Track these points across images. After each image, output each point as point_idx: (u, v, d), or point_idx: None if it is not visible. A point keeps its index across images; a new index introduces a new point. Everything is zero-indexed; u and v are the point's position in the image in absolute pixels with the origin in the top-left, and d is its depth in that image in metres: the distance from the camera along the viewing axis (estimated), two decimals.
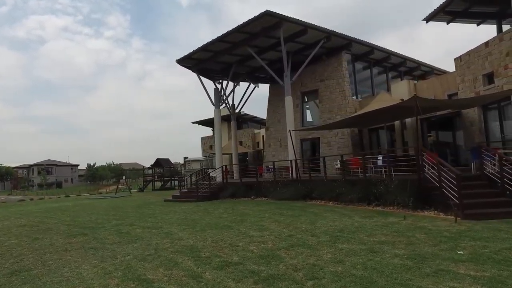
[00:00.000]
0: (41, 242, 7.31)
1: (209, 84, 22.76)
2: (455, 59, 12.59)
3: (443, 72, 21.83)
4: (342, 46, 17.71)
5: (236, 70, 19.50)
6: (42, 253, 6.22)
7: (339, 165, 15.97)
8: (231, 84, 21.29)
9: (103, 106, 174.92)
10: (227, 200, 15.03)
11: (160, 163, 31.07)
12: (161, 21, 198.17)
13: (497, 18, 11.95)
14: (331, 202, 11.48)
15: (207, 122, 32.74)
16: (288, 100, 16.26)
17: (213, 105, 19.87)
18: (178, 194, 17.23)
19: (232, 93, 21.99)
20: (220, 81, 21.02)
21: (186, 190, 17.47)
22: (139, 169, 45.73)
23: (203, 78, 19.95)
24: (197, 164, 65.80)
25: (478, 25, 12.94)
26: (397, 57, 19.47)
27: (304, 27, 15.72)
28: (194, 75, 19.47)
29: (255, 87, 23.23)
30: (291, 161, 14.68)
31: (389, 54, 19.08)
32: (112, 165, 64.13)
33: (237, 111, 23.09)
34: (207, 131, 35.71)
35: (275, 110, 20.17)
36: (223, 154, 28.10)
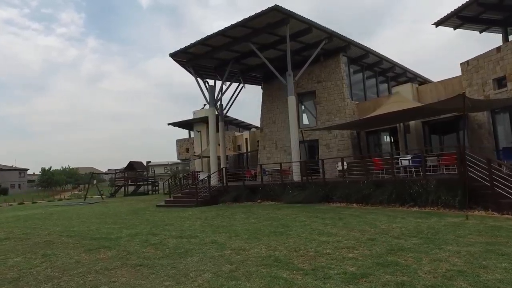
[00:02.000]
0: (60, 260, 5.78)
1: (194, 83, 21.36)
2: (461, 64, 13.05)
3: (425, 79, 22.99)
4: (340, 48, 17.70)
5: (231, 68, 18.54)
6: (79, 274, 4.83)
7: (340, 167, 15.84)
8: (218, 83, 20.23)
9: (55, 107, 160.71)
10: (233, 205, 13.94)
11: (133, 166, 28.61)
12: (120, 22, 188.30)
13: (503, 25, 12.64)
14: (355, 204, 11.08)
15: (184, 124, 31.06)
16: (291, 100, 15.73)
17: (207, 103, 18.66)
18: (171, 199, 15.71)
19: (220, 93, 20.89)
20: (207, 80, 19.86)
21: (180, 195, 16.00)
22: (109, 172, 41.91)
23: (188, 76, 18.70)
24: (161, 169, 62.54)
25: (481, 32, 13.60)
26: (388, 62, 20.00)
27: (308, 26, 15.37)
28: (154, 77, 18.62)
29: (242, 88, 22.43)
30: (300, 162, 14.09)
31: (381, 59, 19.52)
32: (68, 169, 58.01)
33: (225, 111, 22.04)
34: (171, 134, 34.12)
35: (270, 110, 19.53)
36: (203, 157, 26.79)
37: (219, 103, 21.21)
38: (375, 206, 10.32)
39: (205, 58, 17.34)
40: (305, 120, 19.33)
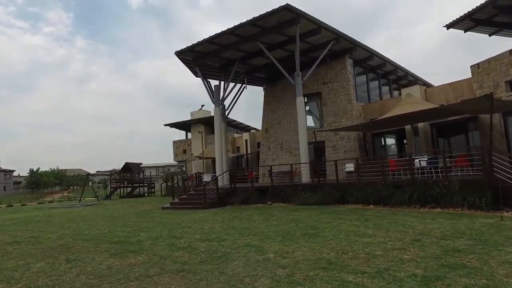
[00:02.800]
0: (89, 265, 5.34)
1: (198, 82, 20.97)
2: (471, 66, 13.16)
3: (425, 82, 23.24)
4: (345, 50, 17.68)
5: (237, 68, 18.23)
6: (119, 282, 4.43)
7: (348, 169, 15.73)
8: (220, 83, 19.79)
9: (41, 108, 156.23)
10: (242, 207, 13.61)
11: (129, 167, 27.79)
12: (109, 22, 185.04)
13: None
14: (372, 206, 10.95)
15: (181, 125, 30.52)
16: (300, 101, 15.58)
17: (213, 103, 18.25)
18: (176, 201, 15.23)
19: (224, 93, 20.53)
20: (208, 80, 19.47)
21: (185, 196, 15.54)
22: (105, 173, 40.65)
23: (190, 74, 18.33)
24: (153, 171, 61.47)
25: (490, 35, 13.77)
26: (391, 64, 20.10)
27: (318, 26, 15.26)
28: (143, 79, 18.09)
29: (243, 89, 22.14)
30: (310, 163, 13.89)
31: (385, 61, 19.60)
32: (56, 171, 56.00)
33: (226, 112, 21.67)
34: (161, 136, 33.45)
35: (274, 111, 19.29)
36: (205, 158, 26.33)
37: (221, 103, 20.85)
38: (394, 208, 10.20)
39: (211, 57, 16.99)
40: (310, 121, 19.18)
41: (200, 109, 30.19)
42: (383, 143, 17.92)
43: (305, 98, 18.98)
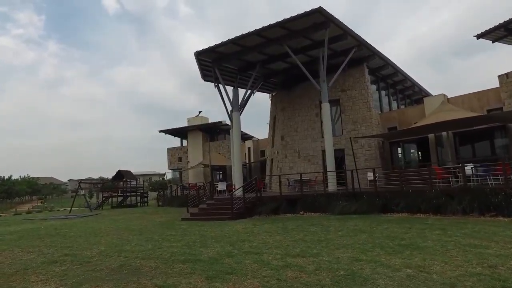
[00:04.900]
0: None
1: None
2: (499, 76, 13.46)
3: (427, 93, 23.83)
4: (363, 58, 17.65)
5: (257, 73, 17.49)
6: None
7: (371, 177, 15.43)
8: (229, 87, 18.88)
9: (6, 112, 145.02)
10: (273, 217, 12.74)
11: (122, 175, 25.79)
12: (84, 27, 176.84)
13: None
14: (420, 214, 10.59)
15: (177, 132, 29.14)
16: (326, 107, 15.18)
17: (232, 107, 17.33)
18: (196, 211, 14.06)
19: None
20: (217, 84, 18.58)
21: (206, 206, 14.41)
22: (96, 182, 37.55)
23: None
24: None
25: None
26: (401, 75, 20.36)
27: (344, 32, 15.07)
28: (118, 85, 17.09)
29: (250, 95, 21.46)
30: (351, 171, 13.38)
31: (396, 71, 19.82)
32: (28, 179, 51.05)
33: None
34: (138, 144, 31.87)
35: (291, 118, 18.73)
36: (205, 166, 25.13)
37: (230, 109, 19.97)
38: (448, 216, 9.88)
39: (232, 59, 16.20)
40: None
41: (197, 115, 29.06)
42: (399, 152, 17.90)
43: (321, 105, 18.69)
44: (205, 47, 15.19)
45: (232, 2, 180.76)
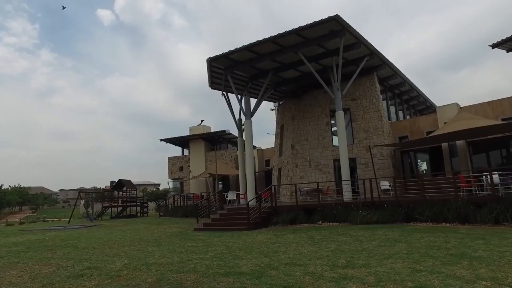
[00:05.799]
0: None
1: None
2: None
3: (431, 103, 24.02)
4: (373, 67, 17.69)
5: (269, 81, 17.32)
6: None
7: (384, 187, 15.24)
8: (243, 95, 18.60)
9: None
10: (291, 227, 12.33)
11: (123, 184, 24.98)
12: (77, 37, 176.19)
13: None
14: (446, 224, 10.36)
15: (180, 141, 28.63)
16: (340, 116, 15.02)
17: (244, 115, 17.04)
18: (209, 221, 13.54)
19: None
20: (224, 93, 18.36)
21: (218, 216, 13.92)
22: (97, 191, 36.27)
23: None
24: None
25: None
26: (408, 85, 20.47)
27: (357, 41, 15.08)
28: (110, 95, 16.79)
29: (260, 102, 21.24)
30: (363, 180, 13.15)
31: (404, 81, 19.93)
32: (19, 189, 49.19)
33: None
34: (130, 155, 31.27)
35: (301, 127, 18.52)
36: (210, 175, 24.60)
37: (238, 117, 19.69)
38: (477, 225, 9.67)
39: (244, 66, 16.00)
40: (335, 138, 18.66)
41: (200, 124, 28.68)
42: (410, 161, 17.80)
43: (333, 113, 18.57)
44: (219, 53, 14.98)
45: (226, 15, 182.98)
